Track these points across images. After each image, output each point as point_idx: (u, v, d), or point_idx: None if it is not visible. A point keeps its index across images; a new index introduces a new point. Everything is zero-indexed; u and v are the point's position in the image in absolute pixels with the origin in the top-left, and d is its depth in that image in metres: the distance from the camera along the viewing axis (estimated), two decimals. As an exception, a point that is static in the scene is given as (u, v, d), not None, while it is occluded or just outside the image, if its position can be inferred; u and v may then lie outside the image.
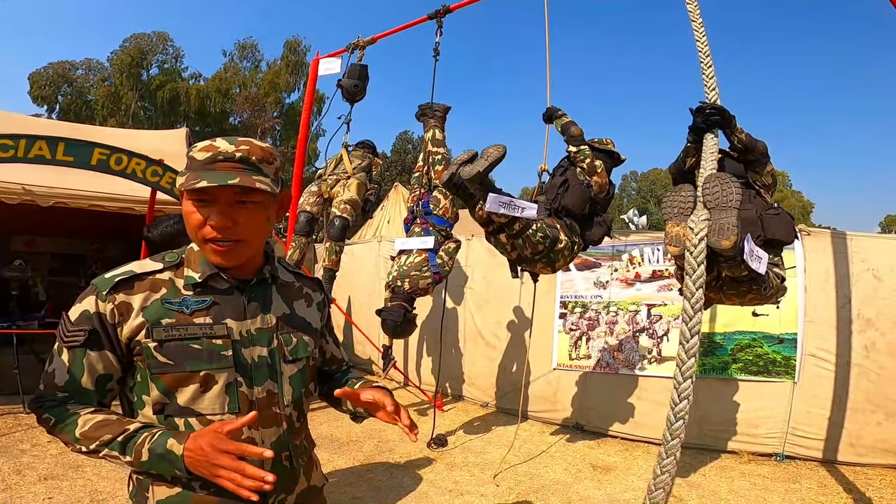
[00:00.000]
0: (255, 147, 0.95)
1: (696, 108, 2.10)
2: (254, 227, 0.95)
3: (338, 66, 4.33)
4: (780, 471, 3.59)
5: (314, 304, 1.16)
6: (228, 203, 0.92)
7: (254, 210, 0.94)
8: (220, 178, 0.89)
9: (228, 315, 0.98)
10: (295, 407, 1.05)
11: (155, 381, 0.93)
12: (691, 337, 1.53)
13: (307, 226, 4.23)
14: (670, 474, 1.49)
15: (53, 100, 28.24)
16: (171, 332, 0.93)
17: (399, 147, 36.28)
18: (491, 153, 2.45)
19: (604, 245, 4.61)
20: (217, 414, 0.94)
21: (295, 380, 1.05)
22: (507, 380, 5.01)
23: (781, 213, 2.37)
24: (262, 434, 0.98)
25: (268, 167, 0.95)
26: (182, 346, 0.93)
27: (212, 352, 0.94)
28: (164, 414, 0.94)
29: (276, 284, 1.08)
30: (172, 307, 0.94)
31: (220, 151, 0.91)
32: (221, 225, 0.91)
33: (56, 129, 5.80)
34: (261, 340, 1.00)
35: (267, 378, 1.00)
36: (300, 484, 1.06)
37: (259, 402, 0.98)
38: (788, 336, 3.89)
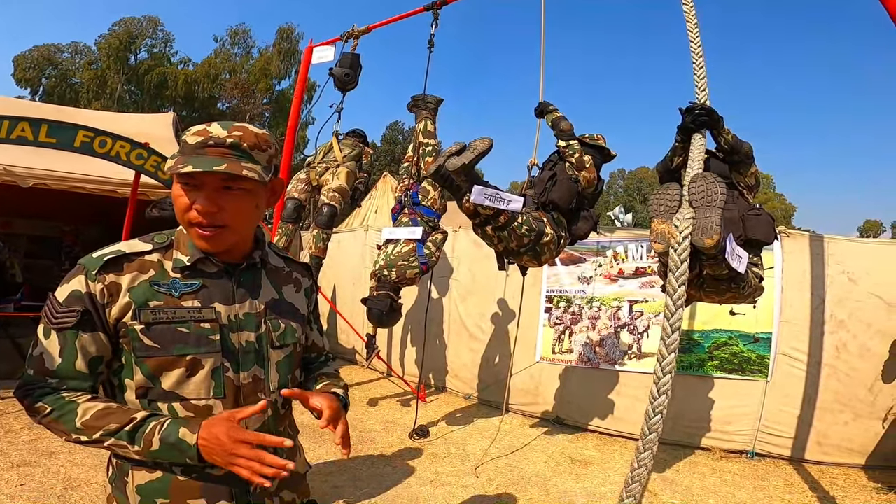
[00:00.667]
0: (249, 133, 0.94)
1: (685, 108, 2.14)
2: (240, 213, 0.95)
3: (331, 55, 4.29)
4: (750, 468, 3.69)
5: (302, 290, 1.15)
6: (215, 188, 0.91)
7: (241, 196, 0.94)
8: (206, 163, 0.88)
9: (217, 299, 0.97)
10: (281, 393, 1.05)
11: (140, 364, 0.91)
12: (672, 333, 1.58)
13: (294, 213, 4.20)
14: (647, 468, 1.53)
15: (37, 82, 27.93)
16: (159, 315, 0.91)
17: (389, 137, 36.12)
18: (477, 146, 2.47)
19: (589, 241, 4.66)
20: (202, 399, 0.94)
21: (282, 366, 1.05)
22: (489, 372, 5.06)
23: (763, 214, 2.43)
24: (246, 420, 0.96)
25: (260, 154, 0.94)
26: (169, 330, 0.92)
27: (199, 336, 0.93)
28: (147, 398, 0.93)
29: (266, 269, 1.08)
30: (161, 289, 0.93)
31: (211, 136, 0.91)
32: (206, 210, 0.91)
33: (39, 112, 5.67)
34: (249, 325, 1.00)
35: (254, 363, 1.00)
36: None
37: (245, 388, 0.98)
38: (763, 335, 3.98)
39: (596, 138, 3.24)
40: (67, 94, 27.25)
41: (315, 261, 4.20)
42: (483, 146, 2.46)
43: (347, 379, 5.68)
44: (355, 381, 5.66)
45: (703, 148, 2.03)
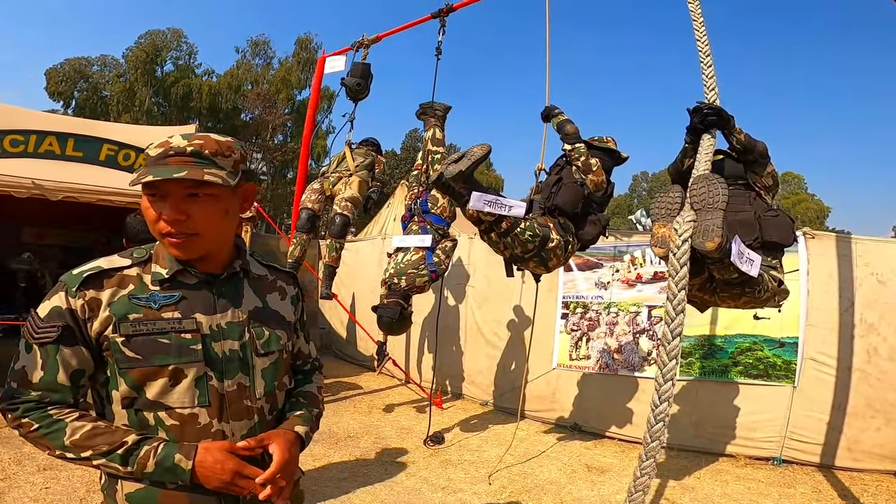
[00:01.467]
0: (210, 141, 0.95)
1: (693, 109, 2.10)
2: (208, 220, 0.95)
3: (342, 65, 4.36)
4: (776, 475, 3.57)
5: (288, 298, 1.16)
6: (180, 197, 0.93)
7: (207, 203, 0.95)
8: (167, 171, 0.90)
9: (198, 309, 0.98)
10: (267, 399, 1.06)
11: (123, 375, 0.93)
12: (673, 339, 1.54)
13: (308, 223, 4.27)
14: (650, 476, 1.49)
15: (69, 95, 28.48)
16: (139, 327, 0.93)
17: (409, 144, 36.30)
18: (475, 152, 2.47)
19: (605, 245, 4.61)
20: (187, 407, 0.95)
21: (267, 373, 1.06)
22: (506, 378, 5.02)
23: (780, 215, 2.35)
24: (232, 427, 0.99)
25: (224, 160, 0.96)
26: (150, 341, 0.93)
27: (180, 346, 0.95)
28: (133, 408, 0.94)
29: (248, 278, 1.09)
30: (139, 302, 0.95)
31: (171, 147, 0.93)
32: (174, 218, 0.92)
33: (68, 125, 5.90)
34: (232, 334, 1.01)
35: (238, 371, 1.01)
36: None
37: (229, 395, 0.99)
38: (789, 340, 3.85)
39: (605, 141, 3.19)
40: (99, 107, 27.92)
41: (329, 269, 4.26)
42: (481, 153, 2.47)
43: (365, 385, 5.77)
44: (372, 388, 5.69)
45: (712, 149, 1.98)
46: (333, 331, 7.62)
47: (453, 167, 2.42)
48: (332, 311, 7.40)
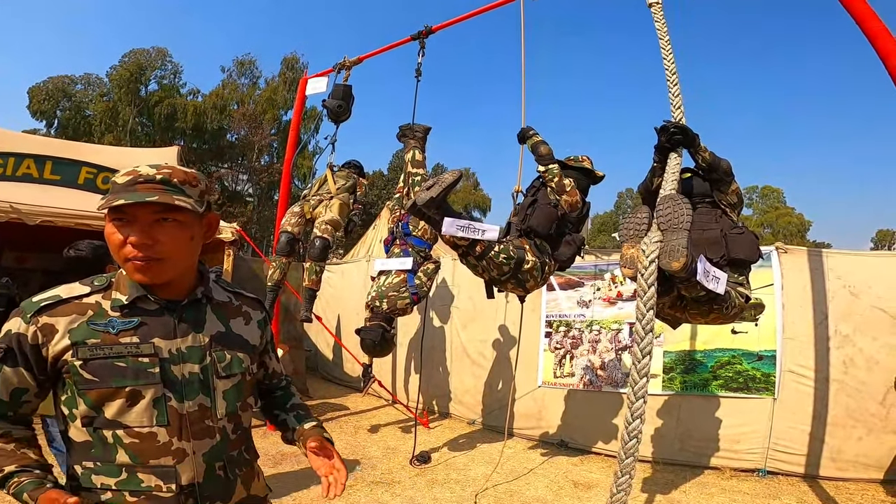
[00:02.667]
0: (178, 171, 0.99)
1: (660, 128, 2.17)
2: (175, 245, 0.99)
3: (324, 86, 4.40)
4: (762, 486, 3.60)
5: (253, 322, 1.19)
6: (148, 222, 0.96)
7: (174, 228, 0.98)
8: (138, 196, 0.93)
9: (157, 334, 1.01)
10: (230, 420, 1.09)
11: (82, 395, 0.97)
12: (643, 357, 1.57)
13: (287, 246, 4.26)
14: (626, 493, 1.51)
15: (52, 114, 28.05)
16: (96, 352, 0.96)
17: (396, 165, 36.46)
18: (445, 179, 2.52)
19: (586, 264, 4.68)
20: (145, 427, 0.98)
21: (229, 394, 1.08)
22: (493, 397, 5.02)
23: (745, 232, 2.42)
24: (193, 445, 1.01)
25: (191, 189, 1.00)
26: (107, 364, 0.96)
27: (137, 369, 0.98)
28: (93, 426, 0.97)
29: (211, 304, 1.11)
30: (98, 328, 0.98)
31: (140, 175, 0.96)
32: (141, 243, 0.95)
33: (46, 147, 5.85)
34: (192, 357, 1.04)
35: (198, 393, 1.03)
36: (237, 493, 1.09)
37: (190, 416, 1.02)
38: (767, 353, 3.92)
39: (580, 160, 3.26)
40: (82, 127, 27.51)
41: (309, 293, 4.24)
42: (451, 179, 2.52)
43: (352, 406, 5.71)
44: (359, 409, 5.64)
45: (678, 168, 2.05)
46: (320, 353, 7.56)
47: (424, 194, 2.47)
48: (319, 334, 7.35)
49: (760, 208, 40.05)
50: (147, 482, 0.98)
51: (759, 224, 35.85)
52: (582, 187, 3.14)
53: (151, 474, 0.98)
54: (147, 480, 0.98)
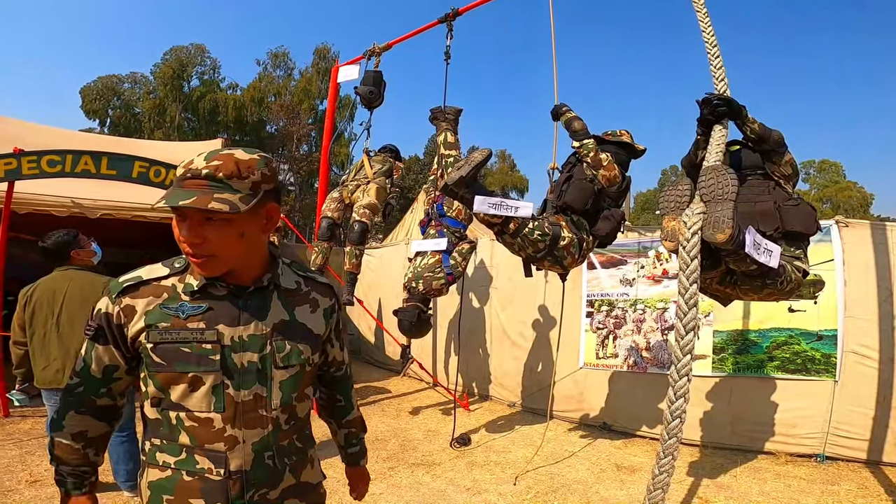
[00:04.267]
0: (229, 162, 0.96)
1: (702, 100, 2.06)
2: (223, 243, 0.98)
3: (356, 73, 4.42)
4: (819, 472, 3.44)
5: (320, 310, 1.18)
6: (197, 220, 0.96)
7: (221, 227, 0.97)
8: (176, 197, 0.92)
9: (222, 321, 1.02)
10: (284, 410, 1.09)
11: (152, 377, 1.02)
12: (686, 333, 1.51)
13: (328, 231, 4.35)
14: (668, 474, 1.47)
15: (104, 113, 29.28)
16: (165, 336, 1.00)
17: (432, 149, 36.49)
18: (475, 157, 2.49)
19: (629, 241, 4.54)
20: (204, 412, 1.01)
21: (286, 385, 1.08)
22: (533, 379, 4.99)
23: (801, 203, 2.28)
24: (244, 434, 1.03)
25: (239, 182, 0.96)
26: (173, 349, 0.99)
27: (200, 355, 1.00)
28: (160, 407, 1.02)
29: (278, 291, 1.11)
30: (169, 311, 1.01)
31: (190, 169, 0.95)
32: (190, 241, 0.97)
33: (101, 144, 6.19)
34: (252, 346, 1.04)
35: (255, 382, 1.04)
36: (285, 481, 1.10)
37: (244, 405, 1.03)
38: (828, 333, 3.71)
39: (619, 134, 3.14)
40: (132, 124, 28.73)
41: (350, 276, 4.33)
42: (480, 157, 2.49)
43: (393, 389, 5.82)
44: (400, 392, 5.74)
45: (723, 140, 1.94)
46: (362, 336, 7.73)
47: (454, 173, 2.46)
48: (360, 317, 7.51)
49: (819, 183, 37.65)
50: (201, 464, 1.01)
51: (817, 199, 33.74)
52: (621, 161, 3.03)
53: (205, 457, 1.01)
54: (201, 462, 1.01)
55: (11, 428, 3.91)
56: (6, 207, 4.09)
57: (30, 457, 3.35)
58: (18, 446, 3.53)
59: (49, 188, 4.50)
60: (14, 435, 3.76)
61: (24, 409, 4.20)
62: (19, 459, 3.29)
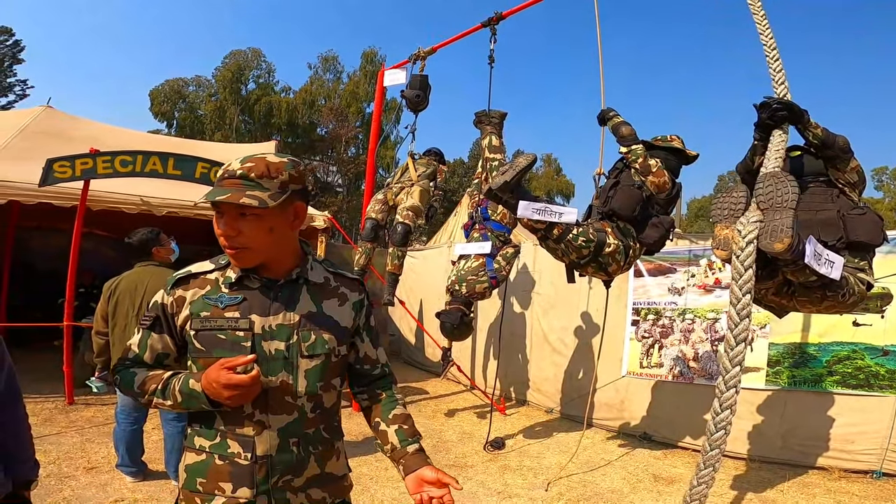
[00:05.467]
0: (261, 163, 1.06)
1: (760, 104, 1.99)
2: (255, 236, 1.07)
3: (402, 77, 4.51)
4: (874, 488, 3.26)
5: (348, 304, 1.22)
6: (232, 216, 1.06)
7: (253, 221, 1.06)
8: (214, 194, 1.03)
9: (254, 311, 1.10)
10: (309, 398, 1.13)
11: (194, 362, 1.13)
12: (737, 345, 1.47)
13: (372, 232, 4.46)
14: (707, 485, 1.43)
15: (171, 115, 30.84)
16: (205, 323, 1.10)
17: (476, 153, 36.50)
18: (519, 163, 2.50)
19: (680, 249, 4.40)
20: None
21: (311, 373, 1.13)
22: (573, 386, 4.92)
23: (867, 212, 2.15)
24: (271, 419, 1.09)
25: (268, 182, 1.05)
26: (211, 335, 1.09)
27: (234, 342, 1.09)
28: None
29: (307, 285, 1.17)
30: (210, 302, 1.11)
31: (227, 170, 1.07)
32: (225, 234, 1.07)
33: (168, 145, 6.59)
34: (280, 335, 1.11)
35: (282, 369, 1.10)
36: (310, 470, 1.14)
37: (272, 391, 1.09)
38: (894, 348, 3.47)
39: (669, 140, 3.06)
40: (195, 126, 30.15)
41: (392, 277, 4.42)
42: (524, 162, 2.49)
43: (431, 391, 5.88)
44: (438, 393, 5.80)
45: (783, 146, 1.86)
46: (403, 337, 7.84)
47: (499, 178, 2.47)
48: (402, 319, 7.63)
49: (893, 191, 34.88)
50: (232, 448, 1.08)
51: (890, 208, 31.26)
52: (671, 167, 2.95)
53: (236, 441, 1.08)
54: (232, 447, 1.08)
55: (75, 416, 4.10)
56: (81, 204, 4.42)
57: (90, 444, 3.51)
58: (80, 434, 3.70)
59: (118, 186, 4.84)
60: (77, 423, 3.95)
61: (88, 397, 4.45)
62: (79, 447, 3.45)
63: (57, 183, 4.17)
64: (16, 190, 4.59)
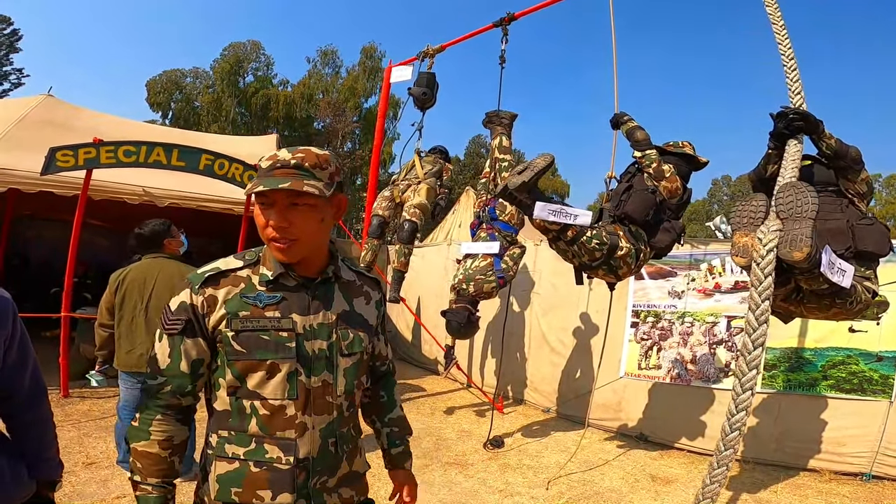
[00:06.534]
0: (311, 154, 1.04)
1: (777, 114, 2.02)
2: (306, 227, 1.04)
3: (409, 74, 4.50)
4: (864, 490, 3.35)
5: (372, 302, 1.23)
6: (284, 206, 1.02)
7: (306, 212, 1.03)
8: (274, 182, 0.99)
9: (294, 310, 1.07)
10: (346, 397, 1.13)
11: (231, 366, 1.05)
12: (754, 349, 1.51)
13: (379, 229, 4.46)
14: (720, 484, 1.48)
15: (168, 106, 30.60)
16: (246, 324, 1.04)
17: (472, 150, 36.52)
18: (538, 163, 2.51)
19: (680, 253, 4.45)
20: (278, 399, 1.05)
21: (349, 372, 1.13)
22: (570, 386, 4.97)
23: (875, 223, 2.20)
24: (314, 420, 1.07)
25: (321, 172, 1.04)
26: (254, 337, 1.04)
27: (278, 343, 1.05)
28: (235, 396, 1.06)
29: (339, 283, 1.16)
30: (248, 301, 1.06)
31: (278, 160, 1.03)
32: (278, 225, 1.02)
33: (171, 136, 6.53)
34: (321, 334, 1.09)
35: (324, 369, 1.09)
36: (342, 469, 1.13)
37: (314, 391, 1.07)
38: (888, 354, 3.61)
39: (681, 146, 3.10)
40: (191, 118, 29.89)
41: (398, 274, 4.42)
42: (543, 163, 2.50)
43: (428, 388, 5.90)
44: (435, 391, 5.81)
45: (799, 155, 1.91)
46: (399, 334, 7.85)
47: (517, 178, 2.48)
48: (399, 316, 7.62)
49: (884, 199, 35.46)
50: (270, 453, 1.04)
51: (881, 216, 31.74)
52: (682, 173, 2.99)
53: (275, 445, 1.04)
54: (271, 451, 1.04)
55: (70, 409, 3.99)
56: (83, 194, 4.38)
57: (87, 439, 3.44)
58: (77, 428, 3.62)
59: (120, 177, 4.79)
60: (72, 416, 3.84)
61: (83, 390, 4.38)
62: (77, 441, 3.38)
63: (59, 172, 4.12)
64: (16, 178, 4.54)
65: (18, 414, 1.14)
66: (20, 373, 1.13)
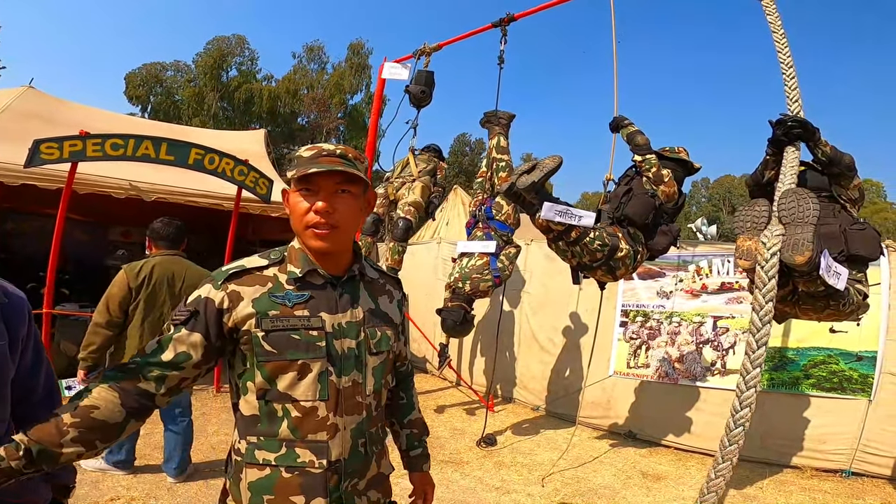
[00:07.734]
0: (350, 149, 1.09)
1: (776, 121, 2.08)
2: (349, 215, 1.05)
3: (403, 71, 4.48)
4: (845, 486, 3.46)
5: (395, 301, 1.23)
6: (331, 192, 1.03)
7: (350, 199, 1.05)
8: (328, 165, 1.02)
9: (323, 309, 1.05)
10: (375, 396, 1.12)
11: (260, 368, 1.01)
12: (758, 348, 1.56)
13: (373, 226, 4.45)
14: (724, 478, 1.53)
15: (147, 100, 29.86)
16: (276, 323, 1.01)
17: (457, 149, 36.53)
18: (546, 164, 2.54)
19: (669, 255, 4.53)
20: (309, 400, 1.02)
21: (377, 371, 1.12)
22: (559, 384, 5.02)
23: (867, 228, 2.28)
24: (345, 420, 1.05)
25: (360, 164, 1.09)
26: (284, 337, 1.01)
27: (308, 342, 1.02)
28: (265, 399, 1.02)
29: (364, 281, 1.15)
30: (277, 300, 1.03)
31: (323, 149, 1.06)
32: (324, 209, 1.02)
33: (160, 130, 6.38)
34: (350, 333, 1.08)
35: (353, 368, 1.07)
36: (371, 470, 1.12)
37: (345, 391, 1.05)
38: (868, 354, 3.72)
39: (677, 151, 3.17)
40: (171, 111, 29.23)
41: (391, 272, 4.41)
42: (552, 164, 2.53)
43: (418, 386, 5.82)
44: (425, 389, 5.81)
45: (797, 162, 1.96)
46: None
47: (525, 178, 2.50)
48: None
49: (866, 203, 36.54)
50: (302, 457, 1.01)
51: (860, 220, 32.77)
52: (678, 178, 3.07)
53: (307, 449, 1.01)
54: (302, 455, 1.01)
55: None
56: (67, 187, 4.25)
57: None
58: None
59: (106, 170, 4.67)
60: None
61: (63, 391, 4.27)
62: None
63: (43, 164, 3.99)
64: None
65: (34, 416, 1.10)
66: (36, 373, 1.09)
